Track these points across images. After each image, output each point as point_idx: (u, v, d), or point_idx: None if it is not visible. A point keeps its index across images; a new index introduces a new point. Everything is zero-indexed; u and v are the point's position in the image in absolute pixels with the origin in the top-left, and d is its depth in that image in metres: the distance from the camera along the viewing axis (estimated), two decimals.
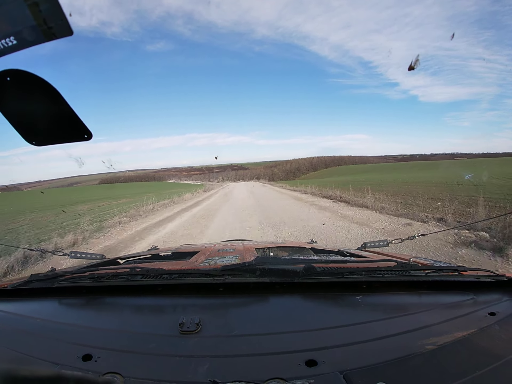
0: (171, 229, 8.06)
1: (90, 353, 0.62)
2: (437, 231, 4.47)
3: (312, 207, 11.18)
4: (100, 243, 6.82)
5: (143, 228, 8.58)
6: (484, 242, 4.48)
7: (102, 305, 0.88)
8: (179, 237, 6.75)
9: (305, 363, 0.56)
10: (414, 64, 0.92)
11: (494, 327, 0.66)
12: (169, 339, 0.66)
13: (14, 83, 0.59)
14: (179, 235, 6.96)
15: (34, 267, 5.04)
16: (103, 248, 6.15)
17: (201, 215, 10.78)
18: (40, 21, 0.46)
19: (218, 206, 14.37)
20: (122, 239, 7.09)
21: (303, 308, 0.79)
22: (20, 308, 0.89)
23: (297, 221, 7.94)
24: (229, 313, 0.78)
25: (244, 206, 13.10)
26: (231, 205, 14.29)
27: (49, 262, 5.20)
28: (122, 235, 7.57)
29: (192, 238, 6.54)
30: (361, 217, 7.97)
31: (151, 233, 7.66)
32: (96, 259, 1.42)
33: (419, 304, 0.80)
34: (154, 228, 8.45)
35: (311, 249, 1.71)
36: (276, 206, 12.40)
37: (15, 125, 0.66)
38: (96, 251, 5.25)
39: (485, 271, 0.92)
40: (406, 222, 6.75)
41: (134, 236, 7.35)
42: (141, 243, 6.31)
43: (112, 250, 5.84)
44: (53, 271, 1.04)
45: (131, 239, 6.98)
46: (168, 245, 5.63)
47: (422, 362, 0.55)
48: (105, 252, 2.69)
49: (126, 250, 5.83)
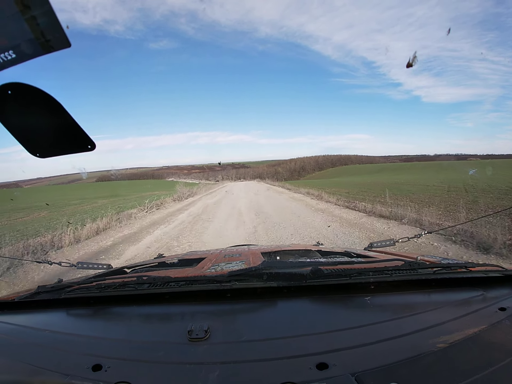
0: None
1: (99, 363, 0.61)
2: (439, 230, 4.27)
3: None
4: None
5: None
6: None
7: (110, 315, 0.88)
8: None
9: (316, 367, 0.55)
10: (412, 61, 0.91)
11: (505, 322, 0.66)
12: (178, 347, 0.66)
13: (15, 96, 0.60)
14: None
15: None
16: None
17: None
18: (38, 34, 0.47)
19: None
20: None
21: (311, 311, 0.78)
22: (28, 320, 0.89)
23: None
24: (238, 319, 0.78)
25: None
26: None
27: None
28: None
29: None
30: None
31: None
32: (103, 269, 1.43)
33: (428, 303, 0.79)
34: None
35: (317, 251, 1.70)
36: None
37: (18, 138, 0.66)
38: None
39: (493, 266, 0.91)
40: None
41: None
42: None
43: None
44: (60, 282, 1.04)
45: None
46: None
47: (433, 361, 0.55)
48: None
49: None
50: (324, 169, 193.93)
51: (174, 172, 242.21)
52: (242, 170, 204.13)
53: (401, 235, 6.02)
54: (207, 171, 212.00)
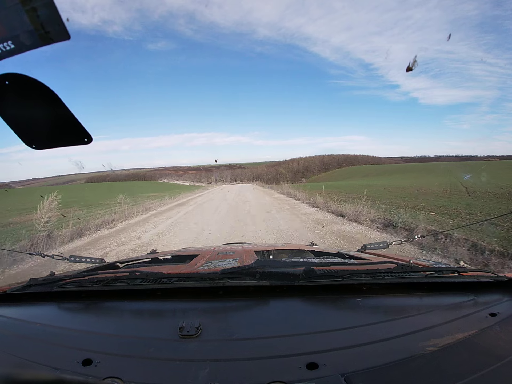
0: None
1: (90, 357, 0.61)
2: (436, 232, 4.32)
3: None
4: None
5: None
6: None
7: (102, 310, 0.87)
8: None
9: (306, 366, 0.56)
10: (412, 65, 0.92)
11: (495, 327, 0.66)
12: (169, 343, 0.66)
13: (13, 87, 0.59)
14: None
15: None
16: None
17: None
18: (38, 26, 0.47)
19: None
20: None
21: (303, 311, 0.78)
22: (19, 312, 0.88)
23: None
24: (229, 316, 0.78)
25: None
26: None
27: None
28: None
29: None
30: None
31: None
32: (96, 263, 1.42)
33: (419, 306, 0.80)
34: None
35: (310, 251, 1.70)
36: None
37: (15, 129, 0.66)
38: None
39: (485, 271, 0.92)
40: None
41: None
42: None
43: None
44: (52, 275, 1.04)
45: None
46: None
47: (423, 364, 0.55)
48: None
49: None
50: (330, 169, 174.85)
51: (169, 173, 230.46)
52: (238, 171, 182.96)
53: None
54: (203, 172, 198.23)
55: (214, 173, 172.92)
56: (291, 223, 8.26)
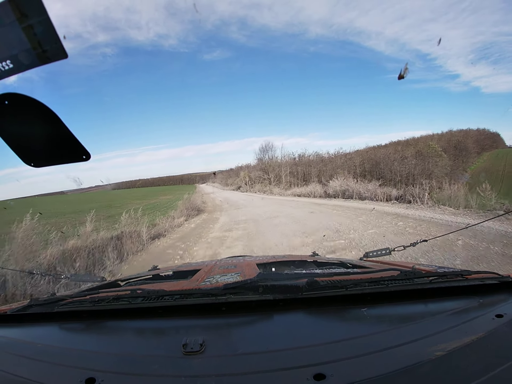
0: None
1: (93, 376, 0.60)
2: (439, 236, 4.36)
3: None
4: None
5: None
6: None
7: (104, 329, 0.86)
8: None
9: (314, 377, 0.55)
10: (403, 72, 0.94)
11: (502, 329, 0.66)
12: (173, 360, 0.65)
13: (12, 106, 0.61)
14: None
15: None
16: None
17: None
18: (35, 44, 0.47)
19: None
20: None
21: (308, 324, 0.77)
22: (21, 333, 0.88)
23: None
24: (233, 332, 0.77)
25: None
26: None
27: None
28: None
29: None
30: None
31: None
32: (97, 281, 1.41)
33: (425, 312, 0.79)
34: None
35: (312, 262, 1.69)
36: None
37: (13, 147, 0.67)
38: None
39: (489, 273, 0.91)
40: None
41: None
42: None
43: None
44: (53, 295, 1.03)
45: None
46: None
47: (431, 369, 0.55)
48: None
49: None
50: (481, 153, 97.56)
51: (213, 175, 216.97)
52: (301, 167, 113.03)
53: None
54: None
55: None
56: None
